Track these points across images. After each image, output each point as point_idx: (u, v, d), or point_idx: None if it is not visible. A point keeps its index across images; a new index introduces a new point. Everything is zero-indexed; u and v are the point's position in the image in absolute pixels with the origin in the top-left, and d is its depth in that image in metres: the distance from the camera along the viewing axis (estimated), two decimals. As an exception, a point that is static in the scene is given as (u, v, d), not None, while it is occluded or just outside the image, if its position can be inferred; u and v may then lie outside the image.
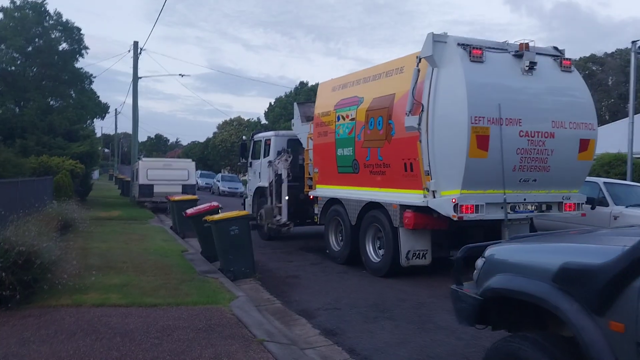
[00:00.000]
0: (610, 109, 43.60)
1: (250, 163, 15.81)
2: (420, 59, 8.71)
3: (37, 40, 24.78)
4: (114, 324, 5.78)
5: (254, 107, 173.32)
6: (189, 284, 7.86)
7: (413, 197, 8.91)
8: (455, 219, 8.19)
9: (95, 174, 46.13)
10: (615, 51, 44.02)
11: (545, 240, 3.94)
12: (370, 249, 10.05)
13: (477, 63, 8.31)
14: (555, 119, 8.68)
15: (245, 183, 20.31)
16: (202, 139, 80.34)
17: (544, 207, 8.92)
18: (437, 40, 8.46)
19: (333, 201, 11.30)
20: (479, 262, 3.81)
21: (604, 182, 11.30)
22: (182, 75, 31.05)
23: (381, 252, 9.76)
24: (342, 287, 8.71)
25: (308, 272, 10.01)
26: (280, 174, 13.20)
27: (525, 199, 8.67)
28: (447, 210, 8.26)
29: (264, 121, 60.39)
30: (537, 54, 8.76)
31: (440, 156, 8.38)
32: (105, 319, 5.97)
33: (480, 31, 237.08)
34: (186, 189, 22.04)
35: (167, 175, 22.64)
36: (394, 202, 9.22)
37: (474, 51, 8.31)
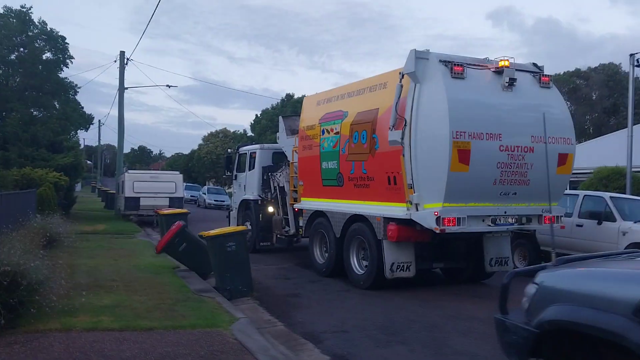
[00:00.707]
0: (595, 122, 44.40)
1: (236, 176, 15.85)
2: (403, 75, 8.90)
3: (20, 49, 24.45)
4: (108, 352, 5.36)
5: (238, 119, 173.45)
6: (185, 304, 7.48)
7: (397, 210, 9.05)
8: (438, 231, 8.35)
9: (78, 186, 45.58)
10: (599, 66, 44.88)
11: (606, 265, 3.48)
12: (354, 261, 10.15)
13: (458, 79, 8.54)
14: (535, 133, 8.90)
15: (231, 195, 20.29)
16: (186, 151, 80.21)
17: (524, 219, 9.14)
18: (420, 57, 8.67)
19: (318, 214, 11.41)
20: (530, 289, 3.45)
21: (611, 197, 10.91)
22: (170, 86, 31.67)
23: (365, 264, 9.87)
24: (345, 307, 8.49)
25: (307, 290, 9.73)
26: (283, 187, 13.34)
27: (505, 212, 8.87)
28: (429, 223, 8.42)
29: (250, 133, 60.42)
30: (516, 70, 9.02)
31: (423, 170, 8.55)
32: (98, 345, 5.56)
33: (463, 46, 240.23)
34: (173, 201, 21.76)
35: (154, 188, 22.33)
36: (378, 215, 9.36)
37: (455, 68, 8.53)
